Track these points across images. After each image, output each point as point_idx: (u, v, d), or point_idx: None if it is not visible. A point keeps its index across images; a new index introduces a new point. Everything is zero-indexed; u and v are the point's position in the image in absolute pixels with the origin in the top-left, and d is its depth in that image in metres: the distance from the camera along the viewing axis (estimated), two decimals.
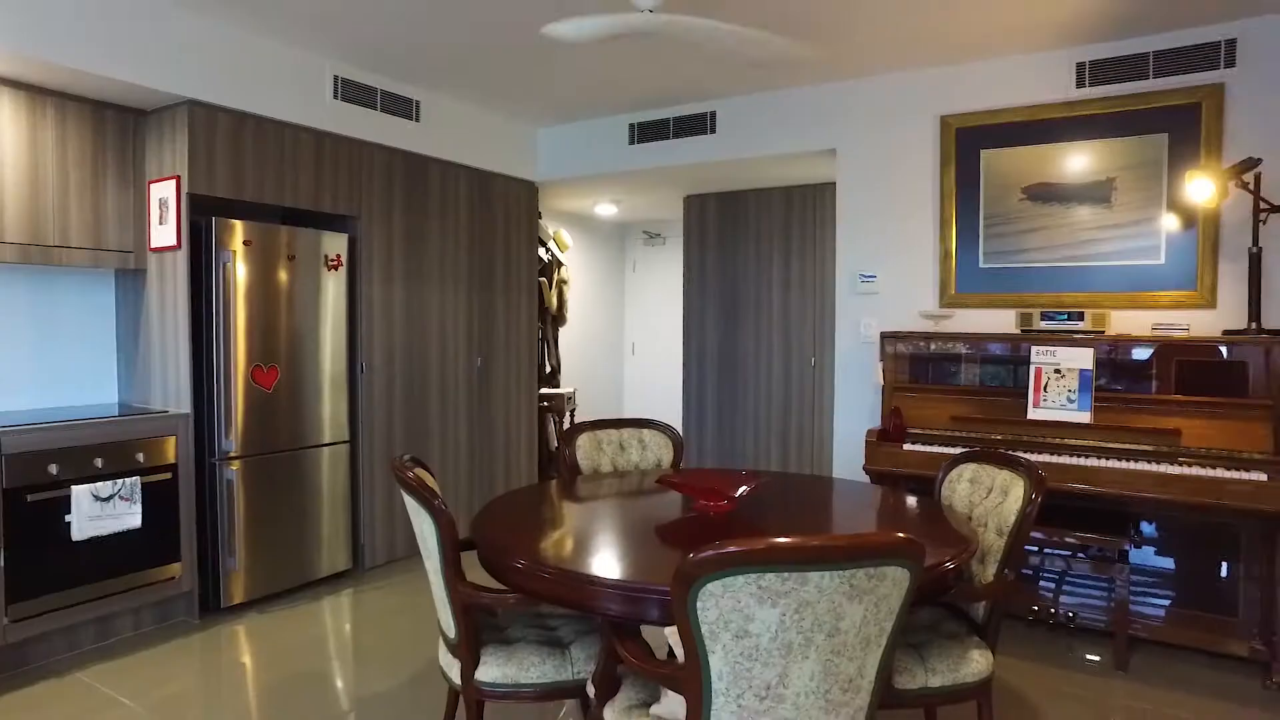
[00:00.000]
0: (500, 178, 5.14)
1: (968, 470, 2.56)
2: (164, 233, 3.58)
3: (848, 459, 4.37)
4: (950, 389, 3.80)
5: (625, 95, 4.64)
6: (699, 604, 1.42)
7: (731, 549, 1.39)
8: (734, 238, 5.84)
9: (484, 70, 4.20)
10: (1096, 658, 3.24)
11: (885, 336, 3.99)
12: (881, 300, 4.27)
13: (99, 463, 3.25)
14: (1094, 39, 3.63)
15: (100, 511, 3.23)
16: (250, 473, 3.74)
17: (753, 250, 5.76)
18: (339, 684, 3.01)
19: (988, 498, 2.42)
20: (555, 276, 6.40)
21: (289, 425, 3.90)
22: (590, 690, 1.94)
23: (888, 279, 4.25)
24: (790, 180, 5.42)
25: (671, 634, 1.67)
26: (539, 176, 5.43)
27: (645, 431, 3.21)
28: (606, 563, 1.91)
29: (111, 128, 3.58)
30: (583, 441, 3.08)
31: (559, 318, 6.48)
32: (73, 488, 3.15)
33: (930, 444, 3.67)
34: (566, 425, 6.41)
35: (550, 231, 6.45)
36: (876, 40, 3.71)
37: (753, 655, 1.45)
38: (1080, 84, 3.72)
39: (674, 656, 1.91)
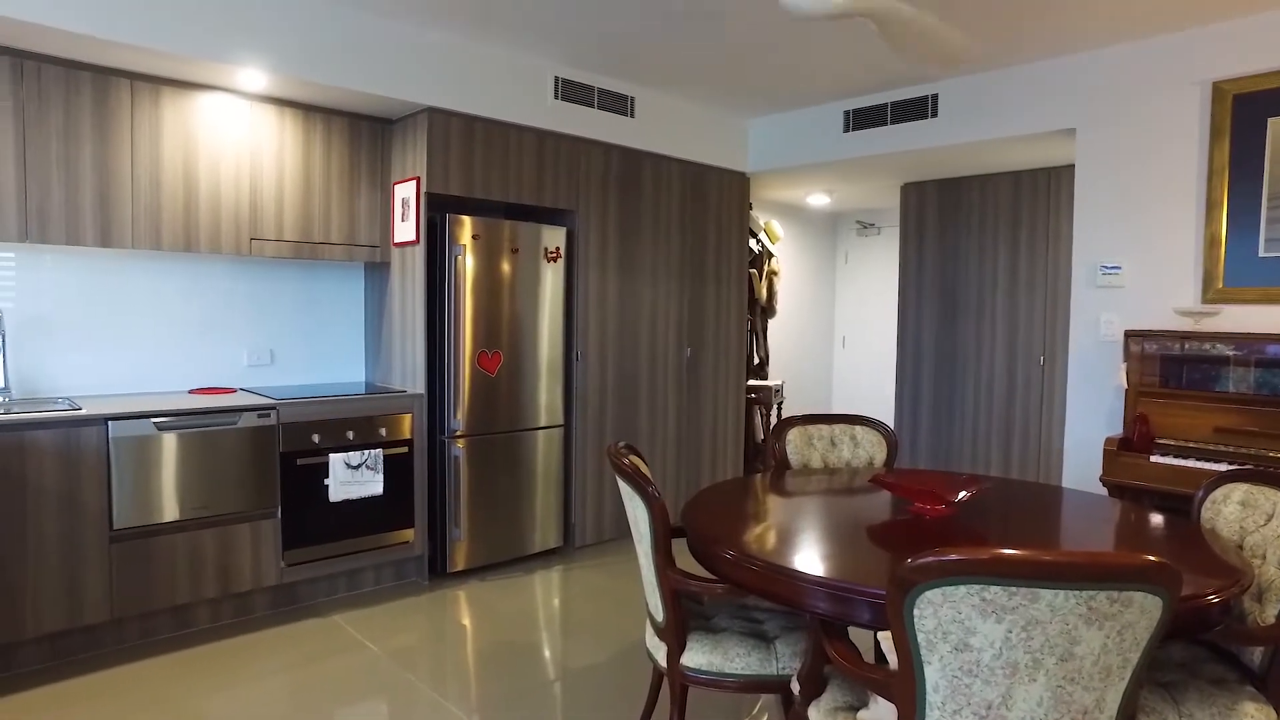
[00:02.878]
0: (712, 170, 5.17)
1: (1238, 491, 2.23)
2: (405, 229, 3.95)
3: (1080, 468, 3.97)
4: (1211, 396, 3.34)
5: (839, 82, 4.50)
6: (916, 611, 1.35)
7: (953, 556, 1.30)
8: (955, 227, 5.50)
9: (697, 64, 4.23)
10: None
11: (1131, 335, 3.58)
12: (1126, 294, 3.83)
13: (350, 435, 3.65)
14: None
15: (350, 478, 3.63)
16: (474, 451, 4.04)
17: (975, 240, 5.39)
18: (546, 653, 3.19)
19: (1266, 525, 2.10)
20: (765, 268, 6.35)
21: (509, 408, 4.17)
22: (795, 687, 1.91)
23: (1134, 271, 3.81)
24: (1019, 164, 5.01)
25: (885, 639, 1.60)
26: (750, 168, 5.40)
27: (858, 428, 3.10)
28: (815, 560, 1.87)
29: (365, 137, 4.00)
30: (793, 436, 3.03)
31: (768, 309, 6.42)
32: (330, 455, 3.57)
33: (1184, 457, 3.25)
34: (774, 418, 6.35)
35: (761, 223, 6.40)
36: (1126, 3, 3.32)
37: (973, 671, 1.35)
38: None
39: (884, 661, 1.83)
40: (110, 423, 3.03)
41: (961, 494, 2.18)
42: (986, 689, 1.36)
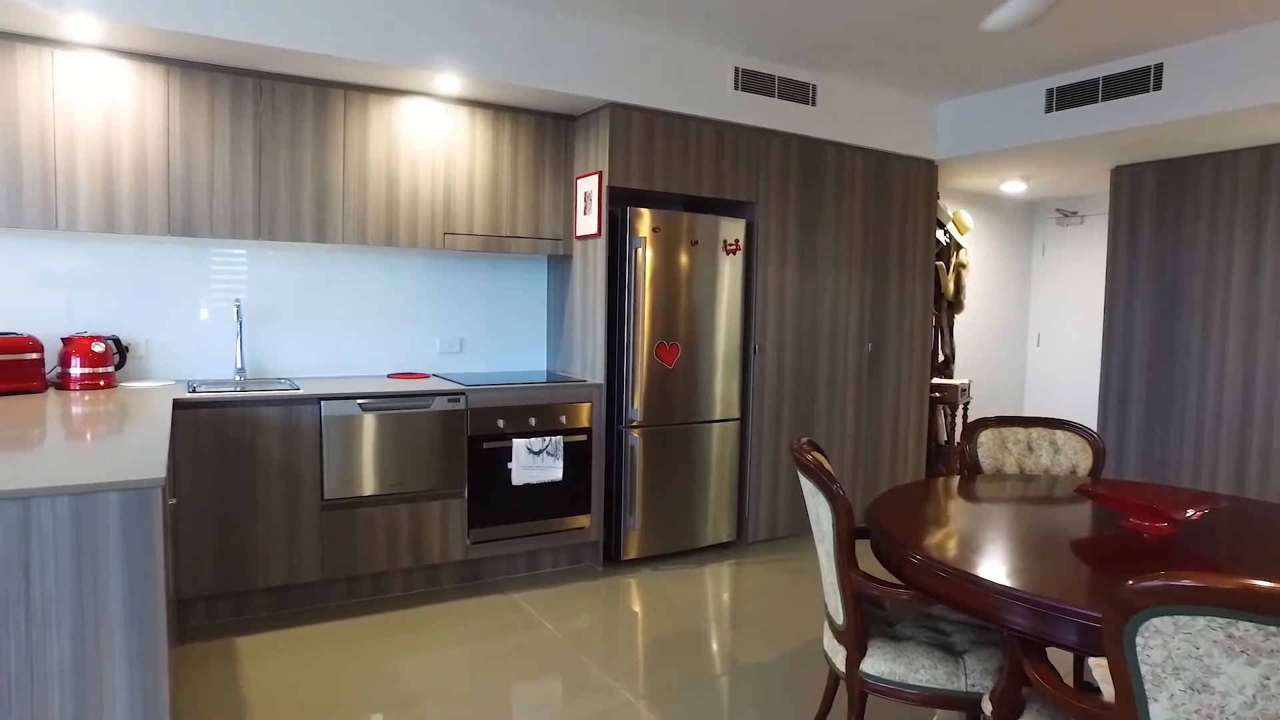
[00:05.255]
0: (897, 158, 4.93)
1: None
2: (587, 222, 4.05)
3: None
4: None
5: (1041, 57, 4.14)
6: (1139, 639, 1.20)
7: (1188, 582, 1.14)
8: (1177, 212, 4.93)
9: (882, 48, 4.04)
10: None
11: None
12: None
13: (532, 421, 3.80)
14: None
15: (532, 463, 3.78)
16: (650, 441, 4.09)
17: (1204, 226, 4.80)
18: (715, 646, 3.17)
19: None
20: (953, 260, 5.99)
21: (685, 400, 4.18)
22: (987, 708, 1.77)
23: None
24: (1264, 138, 4.39)
25: (1098, 666, 1.45)
26: (939, 154, 5.10)
27: (1059, 433, 2.84)
28: (1012, 571, 1.72)
29: (549, 134, 4.13)
30: (986, 438, 2.83)
31: (956, 304, 6.06)
32: (513, 440, 3.74)
33: None
34: (959, 419, 5.99)
35: (949, 212, 6.05)
36: None
37: (1214, 718, 1.18)
38: None
39: (1092, 690, 1.66)
40: (323, 402, 3.33)
41: (1189, 512, 1.94)
42: None
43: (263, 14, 3.10)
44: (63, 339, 3.28)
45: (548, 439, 3.81)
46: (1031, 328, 7.19)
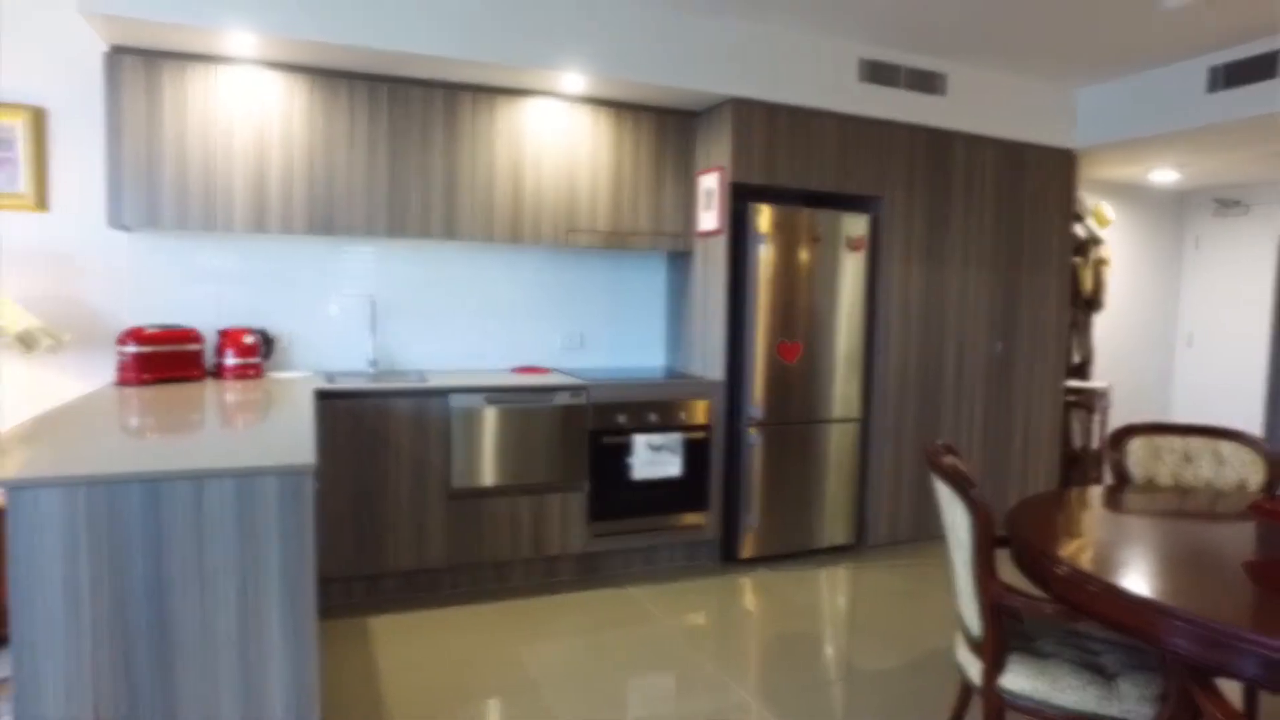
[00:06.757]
0: (1031, 148, 4.67)
1: None
2: (708, 219, 4.03)
3: None
4: None
5: (1202, 32, 3.82)
6: None
7: None
8: None
9: (1018, 30, 3.83)
10: None
11: None
12: None
13: (653, 417, 3.81)
14: None
15: (652, 459, 3.80)
16: (769, 439, 4.03)
17: None
18: (832, 650, 3.09)
19: None
20: (1092, 255, 5.63)
21: (804, 398, 4.10)
22: None
23: None
24: None
25: None
26: (1078, 143, 4.80)
27: (1223, 443, 2.62)
28: (1175, 590, 1.59)
29: (671, 130, 4.13)
30: (1136, 446, 2.64)
31: (1094, 302, 5.69)
32: (634, 435, 3.76)
33: None
34: (1097, 424, 5.63)
35: (1089, 205, 5.69)
36: None
37: None
38: None
39: None
40: (451, 395, 3.45)
41: None
42: None
43: (397, 22, 3.24)
44: (219, 331, 3.53)
45: (667, 435, 3.82)
46: (1181, 328, 6.67)
